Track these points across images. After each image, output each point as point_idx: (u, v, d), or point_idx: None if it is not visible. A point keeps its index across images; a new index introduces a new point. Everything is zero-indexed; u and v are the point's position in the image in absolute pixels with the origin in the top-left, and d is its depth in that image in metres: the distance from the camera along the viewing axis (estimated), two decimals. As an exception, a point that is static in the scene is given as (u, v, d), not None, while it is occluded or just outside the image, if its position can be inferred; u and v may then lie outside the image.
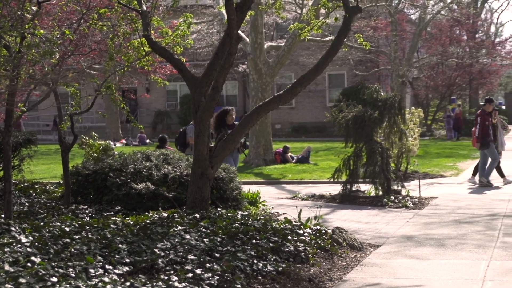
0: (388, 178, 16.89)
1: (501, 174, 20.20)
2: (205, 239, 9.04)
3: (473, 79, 55.18)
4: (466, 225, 13.06)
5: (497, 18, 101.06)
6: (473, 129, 20.59)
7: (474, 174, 20.34)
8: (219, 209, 11.78)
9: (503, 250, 10.55)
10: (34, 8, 10.83)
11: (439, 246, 10.98)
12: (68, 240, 8.50)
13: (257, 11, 26.17)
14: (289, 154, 28.79)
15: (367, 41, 14.11)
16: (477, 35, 58.45)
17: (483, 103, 21.14)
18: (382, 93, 17.83)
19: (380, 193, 16.91)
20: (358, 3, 12.38)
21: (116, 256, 7.99)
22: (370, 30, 44.12)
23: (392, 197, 16.28)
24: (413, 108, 24.21)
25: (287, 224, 10.63)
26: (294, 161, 28.26)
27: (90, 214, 11.89)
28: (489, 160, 19.92)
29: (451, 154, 31.66)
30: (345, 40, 12.83)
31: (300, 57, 47.08)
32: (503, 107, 73.11)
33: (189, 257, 8.23)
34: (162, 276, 7.51)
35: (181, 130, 19.62)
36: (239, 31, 11.49)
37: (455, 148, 36.27)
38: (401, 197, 16.48)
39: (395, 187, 17.15)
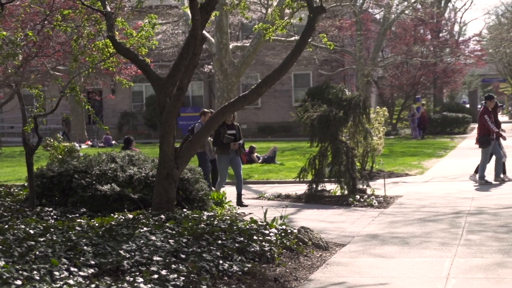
0: (354, 177, 16.98)
1: (503, 171, 20.20)
2: (170, 240, 9.03)
3: (438, 78, 55.59)
4: (431, 223, 13.16)
5: (461, 17, 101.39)
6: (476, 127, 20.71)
7: (476, 171, 20.40)
8: (184, 210, 11.76)
9: (467, 248, 10.65)
10: (-3, 10, 10.76)
11: (403, 245, 11.06)
12: (32, 243, 8.45)
13: (222, 12, 26.12)
14: (255, 154, 28.82)
15: (332, 41, 14.17)
16: (441, 34, 58.90)
17: (483, 101, 21.10)
18: (347, 93, 17.92)
19: (346, 192, 16.99)
20: (322, 3, 12.42)
21: (81, 258, 7.96)
22: (335, 29, 44.27)
23: (358, 196, 16.36)
24: (378, 107, 24.36)
25: (253, 224, 10.65)
26: (260, 161, 28.29)
27: (55, 217, 11.81)
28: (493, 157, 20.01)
29: (416, 153, 31.86)
30: (309, 40, 12.88)
31: (265, 57, 47.17)
32: (467, 105, 73.81)
33: (154, 258, 8.22)
34: (127, 278, 7.49)
35: (189, 128, 19.64)
36: (204, 32, 11.52)
37: (420, 147, 36.51)
38: (366, 196, 16.58)
39: (361, 186, 17.24)
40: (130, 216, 10.88)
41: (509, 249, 10.47)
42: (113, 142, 42.88)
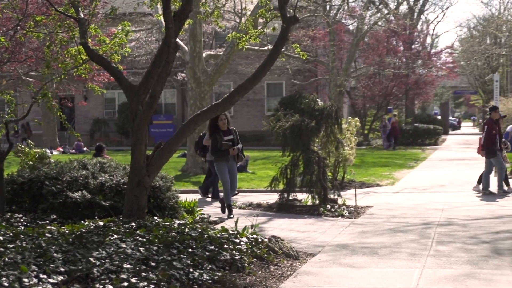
0: (325, 187, 17.03)
1: (506, 183, 20.29)
2: (141, 248, 9.02)
3: (410, 89, 55.94)
4: (401, 233, 13.24)
5: (433, 30, 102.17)
6: (479, 137, 20.80)
7: (479, 182, 20.49)
8: (155, 217, 11.74)
9: (436, 259, 10.73)
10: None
11: (373, 255, 11.11)
12: (1, 249, 8.39)
13: (195, 20, 26.15)
14: (227, 162, 28.78)
15: (305, 51, 14.28)
16: (413, 46, 59.29)
17: (488, 112, 21.20)
18: (320, 103, 17.96)
19: (317, 202, 17.03)
20: (296, 13, 12.48)
21: (51, 265, 7.92)
22: (308, 40, 44.45)
23: (329, 206, 16.42)
24: (350, 117, 24.46)
25: (223, 233, 10.65)
26: (232, 169, 28.25)
27: (25, 223, 11.73)
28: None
29: (387, 164, 32.02)
30: (283, 49, 12.92)
31: (239, 66, 47.24)
32: (438, 117, 74.32)
33: (124, 266, 8.20)
34: (97, 285, 7.47)
35: (201, 134, 19.84)
36: (177, 40, 11.53)
37: (391, 157, 36.69)
38: (337, 206, 16.64)
39: (332, 196, 17.29)
40: (101, 223, 10.83)
41: (477, 260, 10.56)
42: (85, 148, 42.73)
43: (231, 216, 15.43)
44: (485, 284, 9.03)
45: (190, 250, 9.34)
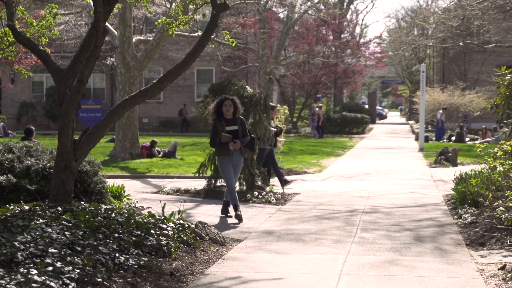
0: (252, 174, 17.12)
1: None
2: (66, 233, 8.96)
3: (338, 78, 56.45)
4: (326, 220, 13.41)
5: (362, 20, 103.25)
6: None
7: None
8: (82, 202, 11.67)
9: (360, 245, 10.91)
10: None
11: (299, 241, 11.25)
12: None
13: (125, 4, 25.98)
14: (156, 148, 28.73)
15: (235, 38, 14.31)
16: (342, 36, 59.79)
17: None
18: (249, 90, 18.03)
19: (244, 188, 17.12)
20: (226, 0, 12.50)
21: (-26, 249, 7.84)
22: (238, 27, 44.50)
23: (256, 193, 16.52)
24: (279, 105, 24.59)
25: (150, 218, 10.64)
26: (160, 155, 28.21)
27: None
28: None
29: (314, 151, 32.29)
30: (213, 36, 12.93)
31: (169, 52, 47.04)
32: (366, 106, 75.13)
33: (49, 250, 8.14)
34: (21, 270, 7.40)
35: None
36: (107, 24, 11.45)
37: (319, 145, 37.00)
38: (264, 192, 16.76)
39: (259, 183, 17.40)
40: (26, 207, 10.73)
41: (400, 247, 10.77)
42: (10, 132, 42.06)
43: (238, 213, 13.42)
44: (407, 270, 9.22)
45: (116, 235, 9.32)
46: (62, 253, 8.15)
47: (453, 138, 41.57)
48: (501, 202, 8.20)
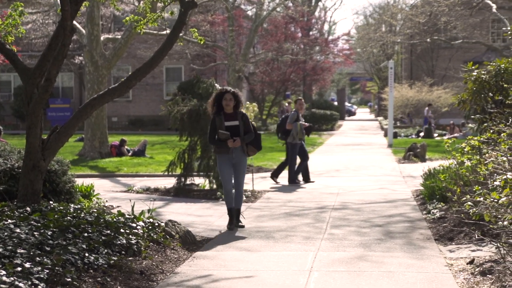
0: (222, 171, 17.11)
1: None
2: (35, 233, 8.90)
3: (307, 75, 56.55)
4: (296, 217, 13.44)
5: (330, 17, 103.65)
6: None
7: None
8: (51, 202, 11.60)
9: (330, 242, 10.95)
10: None
11: (269, 238, 11.27)
12: None
13: (93, 3, 25.86)
14: (125, 147, 28.64)
15: (204, 36, 14.28)
16: (311, 33, 59.95)
17: None
18: (218, 87, 18.01)
19: (214, 186, 17.12)
20: (194, -2, 12.47)
21: None
22: (207, 25, 44.46)
23: (226, 191, 16.51)
24: (248, 102, 24.61)
25: (120, 217, 10.60)
26: (130, 154, 28.14)
27: None
28: None
29: (284, 149, 32.23)
30: (181, 34, 12.89)
31: (137, 50, 46.92)
32: (335, 103, 75.36)
33: (18, 250, 8.08)
34: (-10, 271, 7.36)
35: (283, 116, 19.75)
36: (74, 22, 11.38)
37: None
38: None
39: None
40: (-6, 208, 10.66)
41: (370, 243, 10.83)
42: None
43: (240, 224, 12.47)
44: (377, 266, 9.27)
45: (85, 234, 9.27)
46: (31, 253, 8.09)
47: (422, 134, 41.84)
48: (469, 197, 8.26)
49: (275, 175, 19.69)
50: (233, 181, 12.55)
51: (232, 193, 12.39)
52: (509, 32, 14.13)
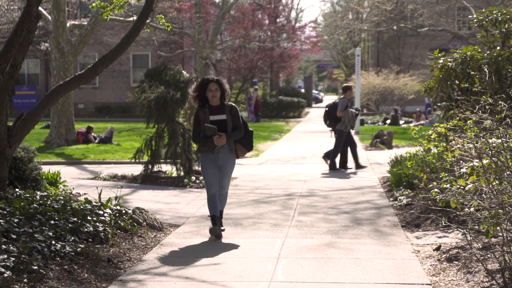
0: (190, 158, 17.10)
1: None
2: (1, 220, 8.83)
3: (274, 62, 56.49)
4: (264, 205, 13.46)
5: (298, 4, 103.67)
6: None
7: None
8: (17, 189, 11.51)
9: (297, 229, 10.98)
10: None
11: (237, 226, 11.27)
12: None
13: (59, -12, 25.62)
14: (92, 134, 28.49)
15: (171, 23, 14.22)
16: (278, 20, 59.87)
17: None
18: (185, 74, 17.96)
19: (182, 173, 17.10)
20: (161, -16, 12.42)
21: None
22: (174, 11, 44.20)
23: (193, 178, 16.52)
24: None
25: (87, 205, 10.55)
26: (96, 141, 28.00)
27: None
28: None
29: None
30: (148, 21, 12.82)
31: (104, 37, 46.62)
32: (302, 90, 75.46)
33: (-16, 238, 8.04)
34: (-45, 259, 7.30)
35: (332, 103, 19.47)
36: (40, 9, 11.27)
37: (256, 129, 36.90)
38: (202, 177, 16.73)
39: (197, 168, 17.38)
40: (-41, 195, 10.56)
41: (337, 230, 10.87)
42: None
43: (221, 229, 10.59)
44: (345, 253, 9.31)
45: (52, 222, 9.22)
46: (-3, 241, 8.04)
47: (388, 121, 42.04)
48: (435, 183, 8.31)
49: (342, 165, 19.56)
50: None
51: (216, 198, 10.64)
52: (475, 20, 14.21)
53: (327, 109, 19.46)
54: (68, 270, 7.95)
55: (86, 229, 9.38)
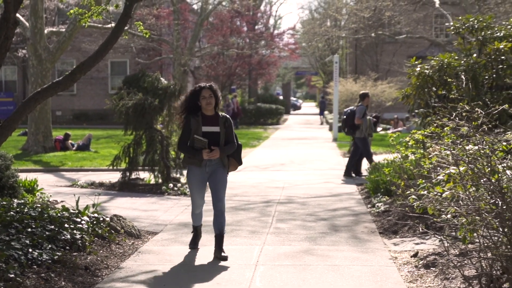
0: (168, 166, 17.08)
1: None
2: (-22, 228, 8.80)
3: (253, 69, 56.58)
4: (242, 212, 13.45)
5: (276, 11, 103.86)
6: None
7: None
8: (-7, 197, 11.46)
9: (275, 236, 10.98)
10: None
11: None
12: None
13: (36, -5, 25.53)
14: (70, 141, 28.38)
15: (149, 30, 14.20)
16: (256, 27, 59.92)
17: None
18: (163, 81, 17.94)
19: (160, 180, 17.08)
20: (139, -9, 12.38)
21: None
22: (152, 18, 44.15)
23: (171, 185, 16.49)
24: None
25: (64, 212, 10.51)
26: (74, 148, 27.90)
27: None
28: None
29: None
30: (126, 27, 12.80)
31: (82, 44, 46.48)
32: (281, 97, 75.59)
33: (-40, 247, 7.99)
34: None
35: (348, 110, 19.33)
36: (18, 15, 11.21)
37: (235, 136, 36.98)
38: (180, 184, 16.73)
39: (175, 175, 17.37)
40: None
41: (316, 237, 10.89)
42: None
43: (223, 255, 9.55)
44: (322, 259, 9.33)
45: (29, 229, 9.18)
46: (-27, 249, 8.00)
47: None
48: (413, 190, 8.34)
49: (356, 172, 19.52)
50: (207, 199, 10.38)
51: (201, 215, 10.31)
52: (452, 28, 14.30)
53: (344, 116, 19.42)
54: (45, 278, 7.91)
55: (63, 237, 9.33)
